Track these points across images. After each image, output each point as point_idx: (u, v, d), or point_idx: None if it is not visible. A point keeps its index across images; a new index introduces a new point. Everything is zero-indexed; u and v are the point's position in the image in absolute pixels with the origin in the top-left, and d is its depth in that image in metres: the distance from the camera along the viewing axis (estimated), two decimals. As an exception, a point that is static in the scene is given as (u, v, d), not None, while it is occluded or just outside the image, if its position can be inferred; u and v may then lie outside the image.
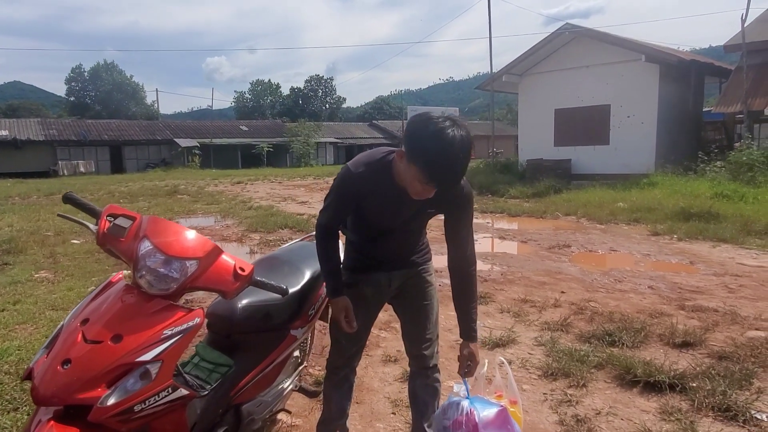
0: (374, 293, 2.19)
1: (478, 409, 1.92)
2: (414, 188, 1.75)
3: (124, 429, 1.42)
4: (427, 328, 2.27)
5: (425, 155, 1.62)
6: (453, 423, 1.92)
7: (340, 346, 2.26)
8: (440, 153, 1.60)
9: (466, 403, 1.94)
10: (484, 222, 9.94)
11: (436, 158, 1.60)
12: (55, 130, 35.27)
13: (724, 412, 2.63)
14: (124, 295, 1.54)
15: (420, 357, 2.30)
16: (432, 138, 1.60)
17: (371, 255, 2.15)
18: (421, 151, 1.63)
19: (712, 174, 11.74)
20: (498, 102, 41.63)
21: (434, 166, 1.61)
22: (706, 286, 4.96)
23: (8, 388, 2.97)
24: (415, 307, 2.25)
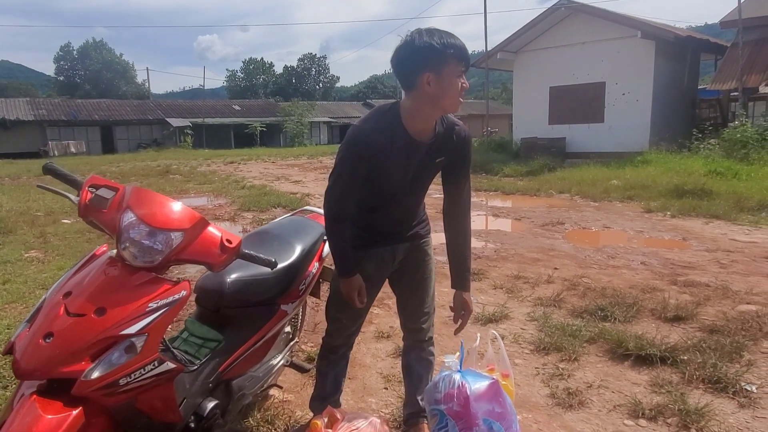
0: (377, 269, 2.13)
1: (470, 381, 1.91)
2: (454, 92, 1.79)
3: (109, 402, 1.41)
4: (425, 302, 2.26)
5: (449, 45, 1.72)
6: (445, 396, 1.91)
7: (341, 326, 2.22)
8: (445, 37, 1.74)
9: (457, 376, 1.93)
10: (479, 200, 9.92)
11: (455, 41, 1.74)
12: (45, 110, 34.76)
13: (714, 384, 2.65)
14: (107, 268, 1.50)
15: (417, 330, 2.29)
16: (430, 37, 1.73)
17: (374, 228, 2.08)
18: (444, 46, 1.72)
19: (706, 151, 11.74)
20: (493, 81, 41.33)
21: (460, 47, 1.75)
22: (699, 262, 4.98)
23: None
24: (414, 281, 2.22)
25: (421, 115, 1.85)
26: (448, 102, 1.81)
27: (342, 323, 2.21)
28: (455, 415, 1.87)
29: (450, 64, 1.73)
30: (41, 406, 1.29)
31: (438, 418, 1.92)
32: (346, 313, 2.16)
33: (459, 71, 1.77)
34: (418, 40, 1.73)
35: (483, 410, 1.87)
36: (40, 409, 1.28)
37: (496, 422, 1.87)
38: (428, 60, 1.73)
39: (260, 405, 2.58)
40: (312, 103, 45.17)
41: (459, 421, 1.86)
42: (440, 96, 1.79)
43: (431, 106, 1.82)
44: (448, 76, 1.75)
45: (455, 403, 1.87)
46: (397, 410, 2.54)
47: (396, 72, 1.83)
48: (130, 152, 32.55)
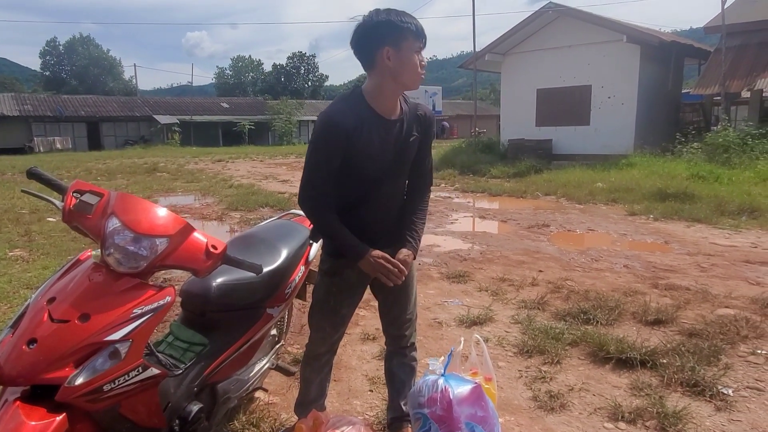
0: (359, 277, 2.06)
1: (453, 386, 1.93)
2: (414, 67, 1.85)
3: (93, 408, 1.41)
4: (407, 308, 2.24)
5: (406, 21, 1.79)
6: (428, 400, 1.93)
7: (324, 334, 2.19)
8: (404, 15, 1.82)
9: (441, 381, 1.95)
10: (465, 201, 9.99)
11: (409, 18, 1.81)
12: (30, 105, 34.24)
13: (692, 387, 2.70)
14: (91, 274, 1.51)
15: (399, 337, 2.29)
16: (389, 13, 1.80)
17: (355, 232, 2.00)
18: (402, 22, 1.79)
19: (689, 155, 11.90)
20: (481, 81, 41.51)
21: (414, 23, 1.81)
22: (680, 265, 5.06)
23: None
24: (396, 287, 2.13)
25: (385, 93, 1.89)
26: (408, 77, 1.86)
27: (325, 331, 2.18)
28: (438, 419, 1.89)
29: (408, 39, 1.80)
30: (24, 412, 1.30)
31: (421, 422, 1.94)
32: (329, 322, 2.15)
33: (417, 47, 1.84)
34: (376, 17, 1.80)
35: (465, 414, 1.90)
36: (23, 415, 1.29)
37: (478, 426, 1.90)
38: (387, 35, 1.79)
39: (245, 408, 2.59)
40: (301, 102, 45.06)
41: (442, 425, 1.88)
42: (400, 71, 1.84)
43: (393, 81, 1.86)
44: (407, 50, 1.81)
45: (438, 407, 1.90)
46: (382, 413, 2.56)
47: (356, 51, 1.87)
48: (116, 149, 32.19)
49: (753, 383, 2.78)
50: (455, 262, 5.34)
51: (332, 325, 2.17)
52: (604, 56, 14.72)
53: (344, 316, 2.16)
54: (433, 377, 1.99)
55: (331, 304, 2.12)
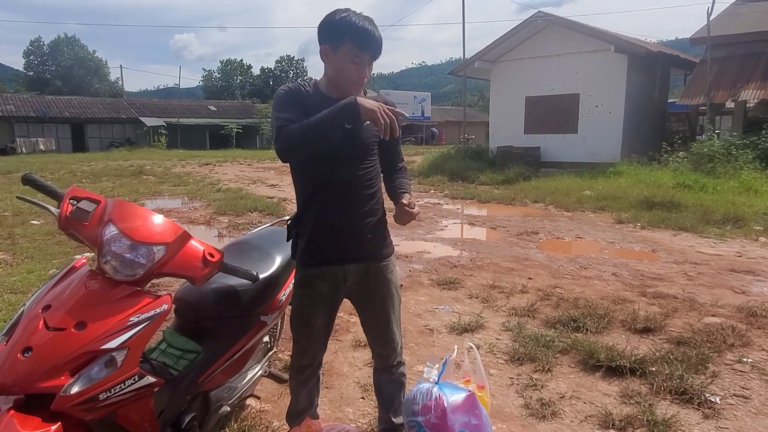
0: (330, 289, 2.03)
1: (447, 394, 1.94)
2: (349, 75, 1.85)
3: (89, 417, 1.39)
4: (388, 327, 2.16)
5: (350, 27, 1.78)
6: (422, 408, 1.93)
7: (301, 346, 2.14)
8: (360, 21, 1.78)
9: (435, 389, 1.96)
10: (454, 208, 10.03)
11: (360, 25, 1.78)
12: (13, 105, 33.72)
13: (680, 395, 2.74)
14: (87, 281, 1.49)
15: (384, 356, 2.24)
16: (345, 14, 1.79)
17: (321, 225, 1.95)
18: (345, 26, 1.78)
19: (674, 164, 12.08)
20: (470, 88, 41.78)
21: (362, 31, 1.78)
22: (667, 274, 5.13)
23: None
24: (374, 308, 2.13)
25: (331, 87, 1.91)
26: (341, 81, 1.88)
27: (302, 344, 2.13)
28: (432, 427, 1.89)
29: (345, 44, 1.80)
30: (19, 421, 1.28)
31: (415, 430, 1.94)
32: (304, 334, 2.10)
33: (355, 55, 1.81)
34: (334, 14, 1.82)
35: (459, 422, 1.90)
36: (18, 424, 1.27)
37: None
38: (326, 33, 1.83)
39: (237, 415, 2.57)
40: (290, 106, 44.90)
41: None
42: (335, 74, 1.87)
43: (334, 83, 1.90)
44: (342, 55, 1.82)
45: (432, 416, 1.90)
46: (375, 420, 2.55)
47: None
48: (102, 151, 31.81)
49: (739, 391, 2.82)
50: (445, 269, 5.36)
51: (308, 337, 2.11)
52: (592, 65, 14.92)
53: (319, 328, 2.09)
54: (427, 385, 1.99)
55: (305, 315, 2.07)
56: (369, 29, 1.80)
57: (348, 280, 2.04)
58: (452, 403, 1.92)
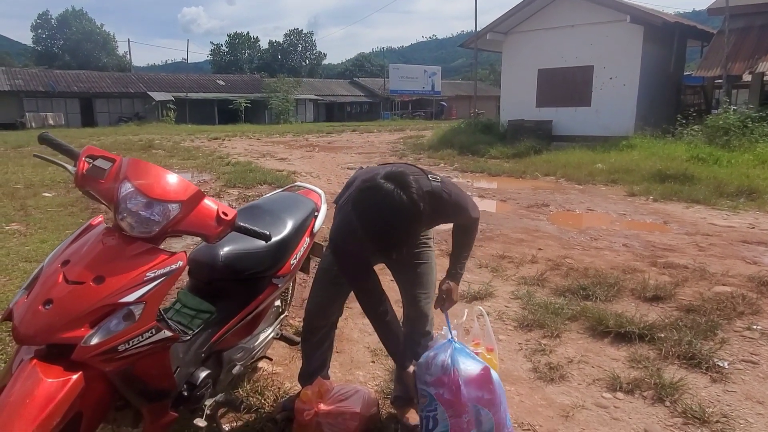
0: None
1: (461, 368, 1.89)
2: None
3: (108, 368, 1.43)
4: (423, 284, 2.24)
5: (363, 228, 1.71)
6: (435, 380, 1.91)
7: (321, 302, 2.21)
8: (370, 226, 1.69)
9: (449, 361, 1.90)
10: (464, 181, 9.99)
11: (369, 230, 1.69)
12: (22, 80, 33.72)
13: (689, 360, 2.76)
14: (104, 238, 1.52)
15: (417, 318, 2.25)
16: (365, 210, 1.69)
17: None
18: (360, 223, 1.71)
19: (689, 137, 11.89)
20: (481, 62, 41.14)
21: (372, 237, 1.71)
22: (678, 245, 5.11)
23: (-16, 337, 2.95)
24: (413, 265, 2.21)
25: None
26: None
27: (322, 300, 2.21)
28: (445, 403, 1.88)
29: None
30: (42, 370, 1.32)
31: (428, 401, 1.93)
32: (327, 292, 2.17)
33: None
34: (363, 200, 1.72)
35: (472, 397, 1.88)
36: (41, 373, 1.31)
37: (484, 409, 1.89)
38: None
39: (250, 376, 2.63)
40: (298, 80, 44.56)
41: (449, 408, 1.88)
42: None
43: None
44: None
45: (446, 391, 1.88)
46: (384, 383, 2.61)
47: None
48: (110, 126, 31.85)
49: (748, 357, 2.84)
50: (455, 240, 5.37)
51: (329, 296, 2.19)
52: (607, 36, 14.60)
53: (341, 288, 2.16)
54: (442, 356, 1.93)
55: (333, 274, 2.14)
56: (380, 234, 1.68)
57: (391, 257, 2.12)
58: (466, 378, 1.88)
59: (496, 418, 1.91)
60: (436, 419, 1.90)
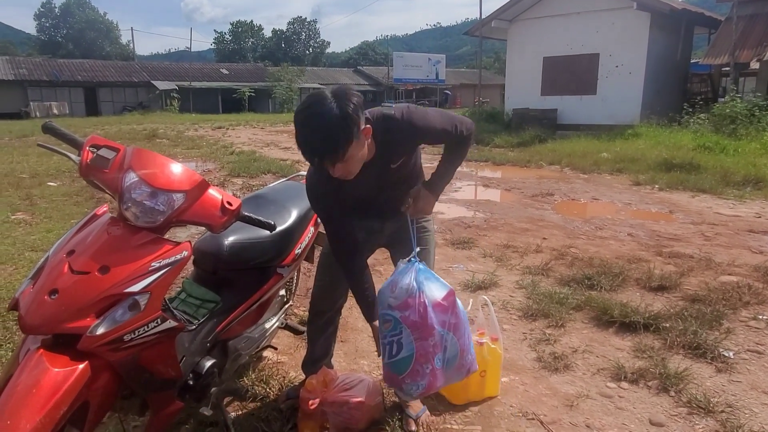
0: (367, 238, 2.13)
1: (427, 292, 1.82)
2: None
3: (114, 358, 1.44)
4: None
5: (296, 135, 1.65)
6: (401, 303, 1.82)
7: (326, 285, 2.24)
8: (300, 129, 1.63)
9: (414, 285, 1.82)
10: (468, 170, 9.95)
11: (300, 140, 1.64)
12: (26, 69, 33.67)
13: (694, 350, 2.75)
14: (109, 227, 1.51)
15: None
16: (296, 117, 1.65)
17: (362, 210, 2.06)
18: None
19: (695, 126, 11.80)
20: (486, 50, 40.81)
21: (301, 146, 1.65)
22: (684, 234, 5.08)
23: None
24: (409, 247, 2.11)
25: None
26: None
27: (326, 284, 2.22)
28: (412, 325, 1.80)
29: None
30: (48, 359, 1.32)
31: (392, 324, 1.84)
32: (331, 275, 2.18)
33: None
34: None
35: (438, 320, 1.82)
36: (47, 362, 1.31)
37: (449, 333, 1.84)
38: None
39: (255, 365, 2.64)
40: (302, 69, 44.32)
41: (415, 331, 1.80)
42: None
43: None
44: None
45: (412, 312, 1.80)
46: (389, 372, 2.61)
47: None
48: (114, 115, 31.82)
49: (753, 347, 2.83)
50: (459, 229, 5.36)
51: (332, 279, 2.19)
52: (613, 24, 14.45)
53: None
54: (407, 280, 1.84)
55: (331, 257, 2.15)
56: (302, 140, 1.63)
57: (385, 230, 2.15)
58: (432, 301, 1.82)
59: (460, 342, 1.87)
60: (400, 343, 1.82)
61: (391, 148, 1.86)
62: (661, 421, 2.23)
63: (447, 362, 1.86)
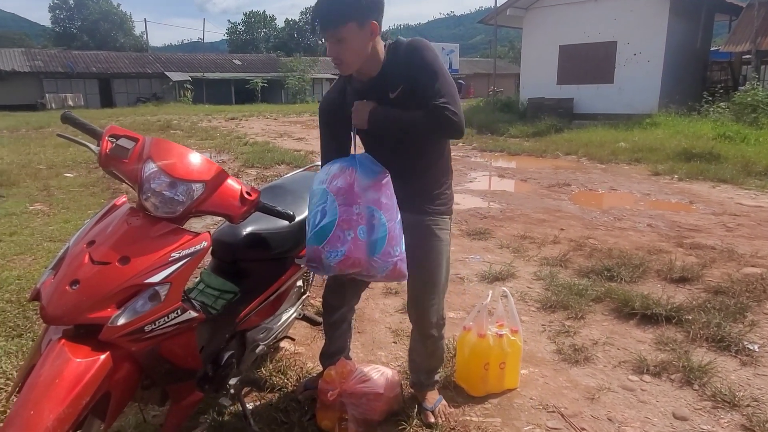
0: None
1: (360, 171, 1.78)
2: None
3: (135, 348, 1.43)
4: (427, 287, 2.04)
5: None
6: (331, 177, 1.80)
7: (337, 285, 2.19)
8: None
9: (347, 163, 1.81)
10: (483, 160, 9.87)
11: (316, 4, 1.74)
12: (41, 61, 33.98)
13: (717, 343, 2.70)
14: (129, 218, 1.51)
15: (414, 319, 2.15)
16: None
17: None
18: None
19: (715, 115, 11.58)
20: (500, 39, 40.36)
21: (314, 9, 1.76)
22: (705, 225, 4.99)
23: (11, 315, 3.01)
24: (416, 258, 1.91)
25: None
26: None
27: (335, 279, 2.17)
28: (337, 191, 1.75)
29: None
30: (70, 350, 1.32)
31: (319, 196, 1.80)
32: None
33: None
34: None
35: (369, 198, 1.75)
36: (69, 353, 1.31)
37: (379, 210, 1.76)
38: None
39: (273, 356, 2.64)
40: (315, 59, 44.19)
41: (339, 196, 1.74)
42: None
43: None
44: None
45: (340, 181, 1.77)
46: (406, 363, 2.59)
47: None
48: (129, 106, 32.05)
49: (779, 340, 2.77)
50: (475, 220, 5.32)
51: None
52: (631, 11, 14.16)
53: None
54: (343, 162, 1.83)
55: None
56: (315, 6, 1.72)
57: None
58: (364, 178, 1.76)
59: (390, 227, 1.75)
60: (324, 211, 1.75)
61: (392, 70, 1.81)
62: (685, 415, 2.19)
63: (373, 243, 1.72)
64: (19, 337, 2.77)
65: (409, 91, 1.79)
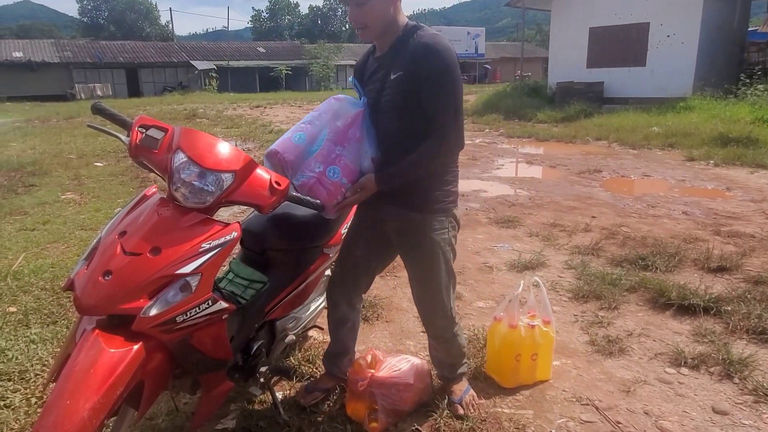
0: (371, 223, 2.02)
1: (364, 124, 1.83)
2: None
3: (167, 339, 1.44)
4: (429, 294, 1.99)
5: None
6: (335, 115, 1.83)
7: (336, 277, 2.16)
8: None
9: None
10: (511, 147, 9.71)
11: None
12: (70, 51, 34.64)
13: (759, 335, 2.61)
14: (159, 208, 1.50)
15: (423, 322, 2.15)
16: None
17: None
18: None
19: (753, 98, 11.12)
20: (528, 21, 39.52)
21: None
22: (743, 212, 4.81)
23: (46, 303, 3.07)
24: (411, 265, 1.98)
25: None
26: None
27: (338, 274, 2.15)
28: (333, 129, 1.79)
29: None
30: (104, 340, 1.33)
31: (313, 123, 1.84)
32: (343, 263, 2.12)
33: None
34: None
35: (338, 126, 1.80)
36: (103, 343, 1.32)
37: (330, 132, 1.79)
38: None
39: (301, 345, 2.64)
40: (338, 46, 44.02)
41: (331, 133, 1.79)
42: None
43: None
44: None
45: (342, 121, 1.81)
46: (436, 353, 2.56)
47: None
48: (155, 96, 32.49)
49: (826, 333, 2.64)
50: (503, 208, 5.23)
51: (344, 267, 2.12)
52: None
53: (357, 261, 2.08)
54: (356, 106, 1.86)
55: (348, 242, 2.12)
56: None
57: (387, 225, 1.97)
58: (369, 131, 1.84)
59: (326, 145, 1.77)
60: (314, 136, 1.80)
61: (400, 53, 1.77)
62: (725, 409, 2.11)
63: (307, 151, 1.77)
64: (54, 324, 2.84)
65: (407, 80, 1.74)
